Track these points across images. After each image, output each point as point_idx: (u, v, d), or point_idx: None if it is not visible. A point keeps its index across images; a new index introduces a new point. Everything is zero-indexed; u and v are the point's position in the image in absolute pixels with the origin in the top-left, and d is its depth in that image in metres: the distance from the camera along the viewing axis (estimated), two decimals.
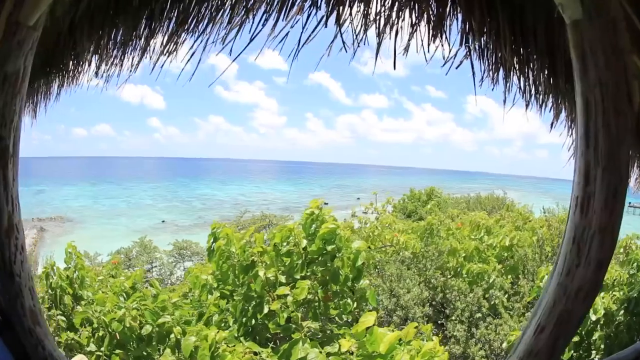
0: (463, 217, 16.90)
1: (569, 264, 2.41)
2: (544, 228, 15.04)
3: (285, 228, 8.13)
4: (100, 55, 4.82)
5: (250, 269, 7.94)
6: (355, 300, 8.22)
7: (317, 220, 8.19)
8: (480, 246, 13.40)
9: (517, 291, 12.08)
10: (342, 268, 7.92)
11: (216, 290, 8.77)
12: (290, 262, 7.96)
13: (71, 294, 9.35)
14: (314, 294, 7.82)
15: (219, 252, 8.30)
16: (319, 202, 8.47)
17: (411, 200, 32.49)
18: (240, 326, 7.91)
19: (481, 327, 11.10)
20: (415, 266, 12.97)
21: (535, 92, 4.39)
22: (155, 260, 32.02)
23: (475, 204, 31.64)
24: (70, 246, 9.68)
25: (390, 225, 15.50)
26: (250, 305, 7.88)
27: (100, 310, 7.93)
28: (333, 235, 7.82)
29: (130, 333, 7.48)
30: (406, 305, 11.45)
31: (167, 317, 7.65)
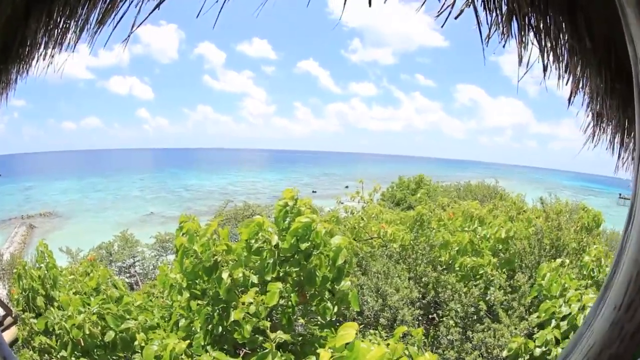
0: (454, 207, 16.35)
1: (631, 298, 1.83)
2: (540, 219, 14.36)
3: (254, 222, 7.42)
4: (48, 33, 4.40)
5: (213, 271, 7.35)
6: (335, 304, 7.60)
7: (292, 213, 7.62)
8: (475, 238, 12.65)
9: (515, 288, 11.21)
10: (319, 268, 7.32)
11: (186, 291, 8.13)
12: (260, 261, 7.38)
13: (43, 294, 8.96)
14: (287, 298, 7.26)
15: (181, 251, 7.65)
16: (293, 192, 7.84)
17: (400, 189, 32.23)
18: (206, 334, 7.36)
19: (479, 330, 10.32)
20: (404, 261, 12.33)
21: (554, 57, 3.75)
22: (137, 254, 31.63)
23: (465, 193, 31.25)
24: (41, 244, 9.32)
25: (377, 215, 14.88)
26: (216, 312, 7.36)
27: (62, 314, 7.47)
28: (308, 230, 7.20)
29: (92, 340, 7.05)
30: (394, 305, 10.75)
31: (131, 322, 7.20)
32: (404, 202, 29.96)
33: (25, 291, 8.89)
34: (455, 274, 11.74)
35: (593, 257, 10.71)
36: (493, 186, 33.02)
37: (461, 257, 12.04)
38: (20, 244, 54.28)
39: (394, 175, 39.66)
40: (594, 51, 3.27)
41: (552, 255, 12.30)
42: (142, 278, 30.12)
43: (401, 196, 31.00)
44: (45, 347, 7.96)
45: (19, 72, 5.40)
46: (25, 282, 8.86)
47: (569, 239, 12.88)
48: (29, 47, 4.70)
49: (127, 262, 31.67)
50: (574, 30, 3.29)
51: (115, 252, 31.42)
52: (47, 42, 4.58)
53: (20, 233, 61.44)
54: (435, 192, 30.36)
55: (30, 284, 8.83)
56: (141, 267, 32.12)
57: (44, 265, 9.14)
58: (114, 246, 31.88)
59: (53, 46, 4.60)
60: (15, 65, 5.20)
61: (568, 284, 9.35)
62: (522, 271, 11.90)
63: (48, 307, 8.98)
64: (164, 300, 10.00)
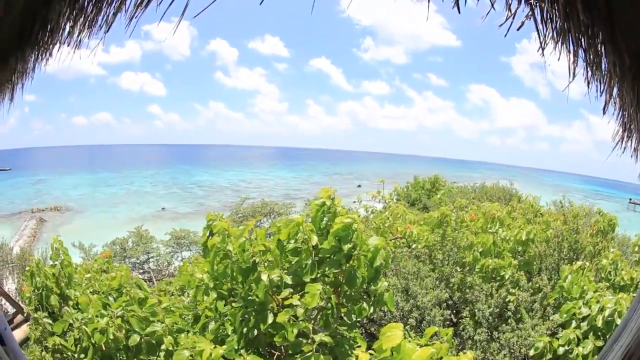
0: (473, 208, 16.22)
1: None
2: (557, 222, 14.35)
3: (293, 222, 7.11)
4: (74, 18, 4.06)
5: (251, 272, 7.04)
6: (371, 305, 7.36)
7: (329, 213, 7.35)
8: (497, 240, 12.56)
9: (538, 289, 11.31)
10: (358, 269, 7.03)
11: (212, 291, 7.87)
12: (297, 262, 7.10)
13: (58, 293, 8.70)
14: (327, 299, 6.92)
15: (214, 251, 7.35)
16: (330, 192, 7.53)
17: (415, 189, 32.02)
18: (240, 337, 7.05)
19: (505, 330, 10.42)
20: (430, 262, 12.22)
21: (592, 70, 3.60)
22: (152, 250, 31.56)
23: (481, 194, 30.95)
24: (56, 241, 9.03)
25: (402, 216, 14.56)
26: (252, 314, 7.05)
27: (82, 318, 7.16)
28: (349, 231, 6.92)
29: (116, 344, 6.75)
30: (423, 306, 10.67)
31: (157, 325, 6.87)
32: (419, 202, 29.84)
33: (38, 289, 8.66)
34: (478, 276, 11.62)
35: (610, 260, 10.94)
36: (508, 188, 32.77)
37: (483, 259, 11.91)
38: (30, 237, 53.96)
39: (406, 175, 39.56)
40: (629, 67, 3.15)
41: (570, 258, 12.47)
42: (156, 274, 29.98)
43: (416, 196, 30.85)
44: (60, 347, 7.73)
45: (38, 60, 5.08)
46: (38, 280, 8.61)
47: (586, 242, 12.97)
48: (49, 32, 4.42)
49: (141, 258, 31.58)
50: (616, 47, 3.16)
51: (129, 248, 31.28)
52: (73, 27, 4.09)
53: (30, 226, 61.10)
54: (450, 192, 30.25)
55: (44, 282, 8.58)
56: (155, 263, 32.03)
57: (58, 263, 8.91)
58: (128, 242, 31.76)
59: (80, 32, 4.13)
60: (33, 51, 4.89)
61: (587, 286, 9.54)
62: (541, 273, 12.10)
63: (62, 306, 8.75)
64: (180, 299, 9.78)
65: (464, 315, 11.07)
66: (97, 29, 4.03)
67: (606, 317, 8.58)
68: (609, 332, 8.58)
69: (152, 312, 6.97)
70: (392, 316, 10.55)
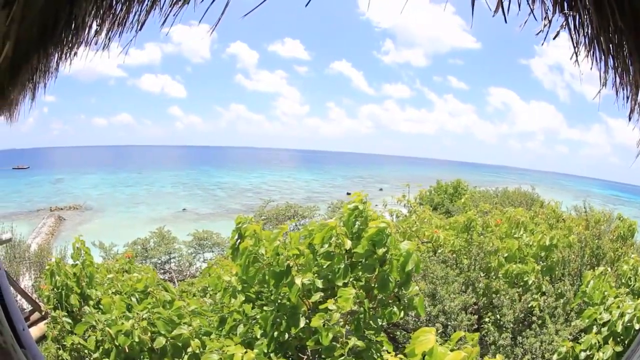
0: (496, 213, 16.17)
1: None
2: (580, 227, 14.29)
3: (327, 227, 7.10)
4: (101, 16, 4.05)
5: (285, 276, 7.01)
6: (402, 309, 7.35)
7: (361, 217, 7.34)
8: (523, 246, 12.46)
9: (561, 294, 11.25)
10: (390, 273, 7.01)
11: (240, 294, 7.86)
12: (329, 266, 7.06)
13: (78, 293, 8.73)
14: (359, 303, 6.83)
15: (246, 255, 7.30)
16: (362, 196, 7.54)
17: (437, 193, 31.93)
18: (270, 340, 7.02)
19: (529, 335, 10.36)
20: (457, 266, 12.11)
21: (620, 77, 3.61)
22: (173, 251, 31.64)
23: (503, 199, 30.81)
24: (78, 241, 9.03)
25: (429, 220, 14.61)
26: (283, 318, 7.02)
27: (105, 319, 7.14)
28: (383, 235, 6.89)
29: (140, 347, 6.74)
30: (450, 311, 10.58)
31: (184, 328, 6.84)
32: (441, 206, 29.76)
33: (57, 288, 8.66)
34: (503, 281, 11.54)
35: (630, 266, 10.83)
36: (529, 193, 32.41)
37: (508, 264, 11.83)
38: (47, 234, 54.20)
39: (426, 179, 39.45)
40: None
41: (591, 264, 12.33)
42: (177, 275, 29.92)
43: (439, 200, 30.76)
44: (78, 347, 7.74)
45: (61, 59, 5.06)
46: (58, 279, 8.62)
47: (607, 248, 12.88)
48: (74, 31, 4.42)
49: (162, 258, 31.62)
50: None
51: (151, 248, 31.39)
52: (101, 26, 4.08)
53: (48, 224, 61.39)
54: (473, 197, 30.14)
55: (64, 282, 8.60)
56: (177, 264, 32.01)
57: (80, 262, 8.93)
58: (149, 242, 31.89)
59: (108, 31, 4.11)
60: (57, 50, 4.89)
61: (608, 292, 9.54)
62: (563, 279, 12.00)
63: (82, 306, 8.78)
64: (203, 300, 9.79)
65: (486, 321, 11.00)
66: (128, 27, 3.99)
67: (625, 323, 8.52)
68: (627, 337, 8.59)
69: (179, 315, 6.95)
70: (417, 321, 10.53)
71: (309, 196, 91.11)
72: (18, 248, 23.80)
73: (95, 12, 3.91)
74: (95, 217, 71.69)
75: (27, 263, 23.52)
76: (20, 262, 23.20)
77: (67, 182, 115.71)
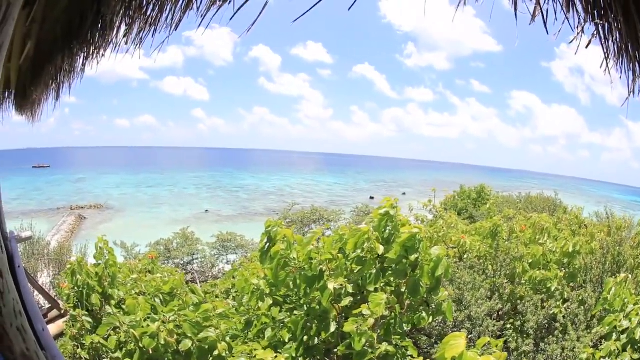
0: (521, 219, 16.13)
1: None
2: (601, 234, 14.27)
3: (360, 232, 7.10)
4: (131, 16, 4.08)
5: (317, 281, 7.03)
6: (431, 314, 7.39)
7: (392, 222, 7.33)
8: (547, 252, 12.47)
9: (582, 301, 11.20)
10: (421, 278, 6.99)
11: (268, 297, 7.93)
12: (360, 271, 7.08)
13: (100, 292, 8.78)
14: (390, 308, 6.87)
15: (278, 259, 7.33)
16: (392, 201, 7.48)
17: (461, 198, 31.87)
18: (300, 345, 7.05)
19: (551, 342, 10.33)
20: (483, 272, 12.06)
21: None
22: (196, 252, 31.76)
23: (526, 204, 30.79)
24: (101, 240, 9.06)
25: (455, 225, 14.58)
26: (314, 322, 7.04)
27: (130, 321, 7.16)
28: (415, 240, 6.92)
29: (165, 349, 6.76)
30: (477, 316, 10.56)
31: (211, 331, 6.84)
32: (465, 211, 29.67)
33: (79, 287, 8.73)
34: (528, 287, 11.54)
35: None
36: (552, 198, 32.49)
37: (531, 270, 11.78)
38: (67, 232, 54.44)
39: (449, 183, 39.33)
40: None
41: (612, 271, 12.25)
42: (199, 276, 30.00)
43: (463, 206, 30.67)
44: (97, 346, 7.79)
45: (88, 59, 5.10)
46: (80, 278, 8.68)
47: (628, 254, 12.78)
48: (102, 31, 4.30)
49: (185, 259, 31.70)
50: None
51: (174, 248, 31.45)
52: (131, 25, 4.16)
53: (68, 222, 61.79)
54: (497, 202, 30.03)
55: (86, 281, 8.64)
56: (199, 265, 32.09)
57: (102, 262, 8.99)
58: (172, 243, 31.96)
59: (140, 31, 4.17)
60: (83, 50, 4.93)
61: (628, 299, 9.52)
62: (585, 286, 12.00)
63: (103, 305, 8.84)
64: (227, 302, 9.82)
65: (508, 327, 11.00)
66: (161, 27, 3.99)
67: None
68: None
69: (205, 318, 6.94)
70: (442, 326, 10.54)
71: (332, 200, 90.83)
72: (37, 245, 23.94)
73: (124, 12, 3.99)
74: (116, 216, 71.73)
75: (45, 260, 23.68)
76: (39, 259, 23.36)
77: (89, 182, 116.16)
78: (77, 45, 4.60)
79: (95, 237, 9.51)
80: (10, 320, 2.02)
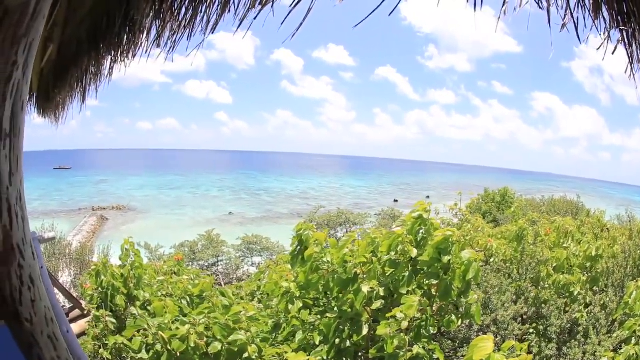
0: (545, 222, 16.05)
1: None
2: (623, 237, 14.24)
3: (394, 235, 7.18)
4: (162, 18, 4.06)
5: (351, 283, 7.08)
6: (460, 317, 7.36)
7: (425, 225, 7.39)
8: (571, 256, 12.39)
9: (603, 305, 11.23)
10: (452, 281, 7.03)
11: (298, 300, 7.93)
12: (392, 274, 7.11)
13: (125, 293, 8.83)
14: (422, 311, 6.85)
15: (311, 262, 7.44)
16: (425, 205, 7.57)
17: (485, 201, 31.80)
18: (331, 347, 7.07)
19: (573, 346, 10.30)
20: (509, 276, 12.04)
21: None
22: (221, 254, 31.90)
23: (549, 208, 30.84)
24: (127, 242, 9.10)
25: (482, 229, 14.63)
26: (346, 325, 7.05)
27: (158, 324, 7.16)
28: (448, 243, 6.95)
29: (194, 352, 6.76)
30: (502, 320, 10.52)
31: (241, 334, 6.84)
32: (489, 215, 29.58)
33: (103, 288, 8.80)
34: (552, 291, 11.48)
35: None
36: (575, 202, 32.25)
37: (555, 274, 11.72)
38: (89, 233, 55.23)
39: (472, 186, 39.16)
40: None
41: (634, 275, 12.16)
42: (223, 278, 30.18)
43: (486, 209, 30.57)
44: (120, 347, 7.83)
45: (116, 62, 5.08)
46: (104, 279, 8.73)
47: None
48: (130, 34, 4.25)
49: (209, 261, 31.84)
50: None
51: (198, 250, 31.70)
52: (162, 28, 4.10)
53: (90, 223, 62.60)
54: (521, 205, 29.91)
55: (111, 282, 8.69)
56: (224, 267, 32.21)
57: (128, 264, 9.06)
58: (198, 245, 32.19)
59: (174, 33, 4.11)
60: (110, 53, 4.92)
61: None
62: (606, 290, 12.02)
63: (128, 307, 8.88)
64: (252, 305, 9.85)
65: (531, 332, 10.97)
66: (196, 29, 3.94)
67: None
68: None
69: (235, 320, 6.94)
70: (468, 330, 10.54)
71: (356, 202, 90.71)
72: (58, 245, 24.21)
73: (154, 14, 4.02)
74: (138, 218, 72.07)
75: (67, 260, 23.92)
76: (60, 258, 23.62)
77: (111, 183, 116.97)
78: (104, 48, 4.61)
79: (118, 238, 9.60)
80: (41, 329, 2.02)
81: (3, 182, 1.79)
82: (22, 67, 1.83)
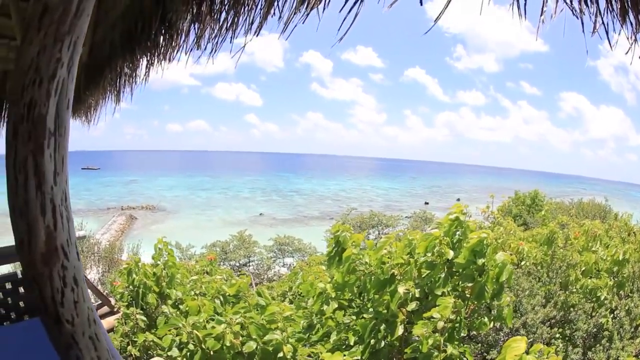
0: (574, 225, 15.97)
1: None
2: None
3: (431, 237, 7.20)
4: (201, 21, 4.00)
5: (388, 284, 7.14)
6: (492, 319, 7.40)
7: (461, 227, 7.42)
8: (600, 260, 12.42)
9: (628, 310, 11.15)
10: (486, 283, 7.05)
11: (333, 301, 8.00)
12: (428, 275, 7.14)
13: (157, 292, 8.92)
14: (457, 312, 6.81)
15: (349, 263, 7.54)
16: (462, 207, 7.63)
17: (515, 204, 31.70)
18: (366, 348, 7.09)
19: (598, 351, 10.31)
20: (539, 279, 11.96)
21: None
22: (253, 254, 32.07)
23: (578, 211, 30.82)
24: (160, 242, 9.16)
25: (514, 232, 14.55)
26: (381, 326, 7.07)
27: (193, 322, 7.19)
28: (483, 245, 7.00)
29: (229, 350, 6.79)
30: (532, 323, 10.49)
31: (277, 333, 6.88)
32: (519, 218, 29.46)
33: (134, 286, 8.96)
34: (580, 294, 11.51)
35: None
36: (603, 205, 32.46)
37: (583, 278, 11.69)
38: (117, 232, 56.12)
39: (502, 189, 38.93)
40: None
41: None
42: (254, 278, 29.90)
43: (517, 212, 30.44)
44: (149, 344, 7.91)
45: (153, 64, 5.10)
46: (137, 277, 8.82)
47: None
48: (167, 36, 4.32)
49: (241, 261, 32.08)
50: None
51: (230, 250, 32.01)
52: (202, 30, 4.05)
53: (119, 222, 63.52)
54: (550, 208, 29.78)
55: (142, 280, 8.80)
56: (255, 267, 32.26)
57: (161, 263, 9.23)
58: (229, 245, 32.52)
59: (215, 36, 4.06)
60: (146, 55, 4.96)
61: None
62: (631, 295, 11.91)
63: (159, 305, 8.97)
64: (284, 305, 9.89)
65: (557, 336, 10.94)
66: (238, 32, 3.89)
67: None
68: None
69: (271, 320, 6.97)
70: (496, 333, 10.51)
71: (387, 204, 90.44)
72: (86, 242, 24.52)
73: (191, 17, 3.99)
74: (168, 218, 72.37)
75: (95, 257, 24.22)
76: (88, 256, 23.92)
77: (140, 184, 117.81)
78: (139, 50, 4.65)
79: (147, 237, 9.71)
80: (82, 329, 2.04)
81: (47, 182, 1.81)
82: (67, 65, 1.85)
